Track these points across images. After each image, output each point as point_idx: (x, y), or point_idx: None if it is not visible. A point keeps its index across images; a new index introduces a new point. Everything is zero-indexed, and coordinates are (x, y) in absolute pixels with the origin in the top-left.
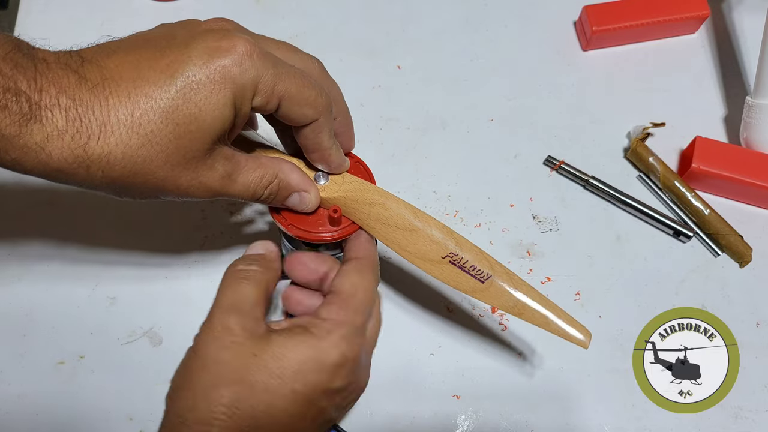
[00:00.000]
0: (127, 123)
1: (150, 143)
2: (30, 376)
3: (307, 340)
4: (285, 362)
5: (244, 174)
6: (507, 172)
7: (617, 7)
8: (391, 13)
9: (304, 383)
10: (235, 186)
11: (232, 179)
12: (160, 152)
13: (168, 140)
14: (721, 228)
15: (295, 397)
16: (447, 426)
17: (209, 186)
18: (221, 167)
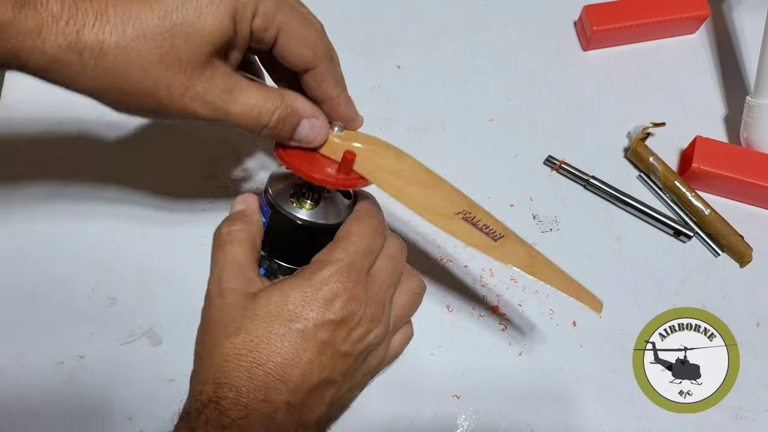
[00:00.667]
0: (123, 15)
1: (145, 38)
2: (30, 376)
3: (294, 281)
4: (273, 307)
5: (247, 93)
6: (507, 172)
7: (617, 7)
8: (391, 13)
9: (294, 319)
10: (237, 106)
11: (233, 97)
12: (154, 48)
13: (164, 38)
14: (722, 228)
15: (289, 332)
16: (447, 426)
17: (207, 99)
18: (220, 81)
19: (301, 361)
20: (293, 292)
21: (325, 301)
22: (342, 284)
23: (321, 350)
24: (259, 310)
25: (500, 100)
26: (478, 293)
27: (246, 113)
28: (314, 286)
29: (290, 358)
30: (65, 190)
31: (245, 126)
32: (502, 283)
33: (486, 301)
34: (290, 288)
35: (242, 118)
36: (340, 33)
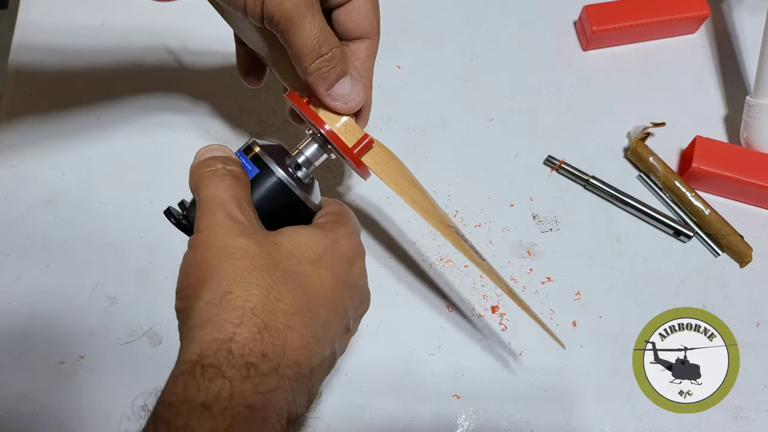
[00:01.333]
0: None
1: None
2: (30, 376)
3: (317, 231)
4: (306, 250)
5: (321, 19)
6: (507, 172)
7: (617, 7)
8: (391, 13)
9: (329, 269)
10: (308, 20)
11: (311, 12)
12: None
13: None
14: (722, 228)
15: (323, 283)
16: (447, 426)
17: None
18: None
19: (329, 319)
20: (322, 240)
21: (348, 258)
22: (359, 246)
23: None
24: (291, 249)
25: (500, 100)
26: (478, 293)
27: (310, 35)
28: (338, 241)
29: (324, 314)
30: (66, 189)
31: (301, 48)
32: None
33: (486, 301)
34: (316, 234)
35: (305, 37)
36: None
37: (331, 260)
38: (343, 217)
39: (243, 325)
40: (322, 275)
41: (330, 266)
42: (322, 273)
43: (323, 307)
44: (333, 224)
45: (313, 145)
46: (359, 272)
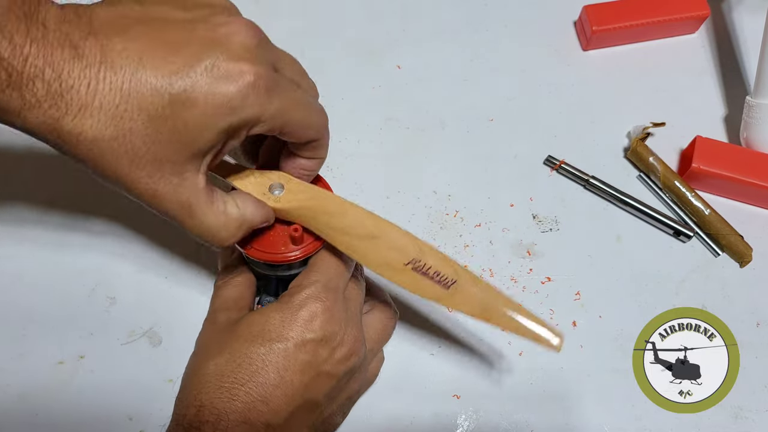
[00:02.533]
0: (108, 112)
1: (123, 139)
2: (30, 376)
3: (275, 305)
4: (254, 327)
5: (204, 212)
6: (507, 171)
7: (617, 6)
8: (391, 13)
9: (274, 338)
10: (192, 221)
11: (191, 212)
12: (129, 151)
13: (142, 143)
14: (722, 228)
15: (270, 351)
16: (447, 426)
17: (164, 207)
18: (185, 192)
19: (283, 382)
20: (273, 313)
21: (304, 320)
22: (320, 303)
23: (303, 370)
24: (240, 330)
25: (500, 100)
26: None
27: (199, 230)
28: (293, 306)
29: (272, 378)
30: (66, 189)
31: (197, 236)
32: (502, 283)
33: None
34: (271, 310)
35: (195, 232)
36: (340, 33)
37: (280, 328)
38: (312, 273)
39: None
40: (270, 345)
41: (277, 335)
42: (267, 344)
43: (274, 377)
44: (295, 290)
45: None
46: (321, 324)
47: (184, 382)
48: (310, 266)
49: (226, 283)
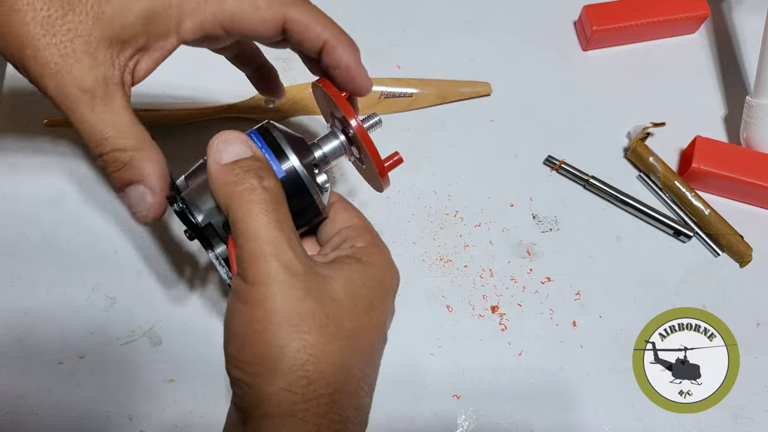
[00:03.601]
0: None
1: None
2: (30, 376)
3: (364, 271)
4: (360, 301)
5: (91, 104)
6: (507, 171)
7: (617, 6)
8: (391, 13)
9: (379, 314)
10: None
11: (93, 105)
12: (44, 13)
13: (60, 6)
14: (722, 228)
15: (377, 333)
16: (447, 426)
17: (64, 89)
18: (93, 78)
19: (374, 359)
20: (371, 281)
21: (391, 292)
22: (397, 273)
23: (383, 345)
24: (344, 300)
25: (500, 99)
26: (477, 293)
27: (93, 128)
28: (382, 277)
29: (369, 356)
30: (67, 189)
31: (83, 138)
32: (502, 283)
33: (486, 301)
34: (364, 274)
35: (88, 129)
36: None
37: (381, 303)
38: (378, 240)
39: (326, 416)
40: (377, 323)
41: (380, 310)
42: (376, 321)
43: (378, 355)
44: (374, 255)
45: (335, 141)
46: (394, 298)
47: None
48: (354, 227)
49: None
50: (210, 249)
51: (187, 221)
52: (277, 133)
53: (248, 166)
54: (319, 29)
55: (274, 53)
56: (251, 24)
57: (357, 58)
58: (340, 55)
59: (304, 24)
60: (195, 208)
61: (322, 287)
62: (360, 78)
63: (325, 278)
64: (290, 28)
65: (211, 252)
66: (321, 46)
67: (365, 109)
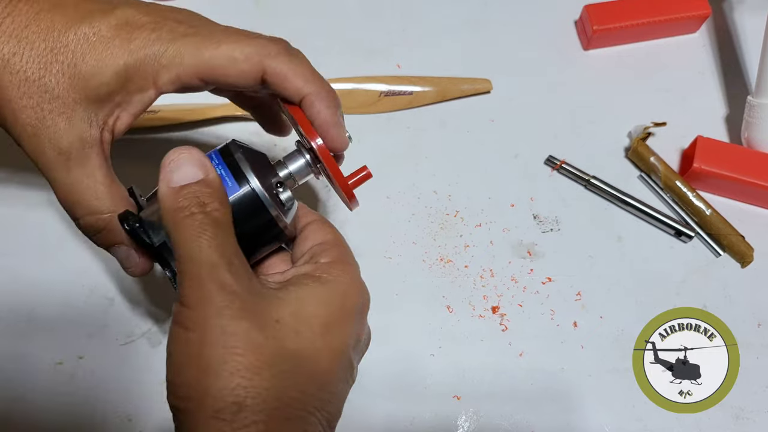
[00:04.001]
0: (13, 33)
1: (20, 58)
2: (29, 377)
3: (322, 291)
4: (313, 321)
5: (86, 176)
6: (507, 172)
7: (618, 6)
8: (391, 13)
9: (339, 336)
10: (67, 176)
11: (69, 166)
12: (22, 74)
13: (37, 68)
14: (723, 228)
15: (334, 357)
16: (447, 427)
17: (41, 150)
18: (69, 140)
19: (330, 383)
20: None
21: (356, 312)
22: (364, 291)
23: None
24: (290, 322)
25: (500, 100)
26: (478, 293)
27: (69, 191)
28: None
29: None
30: None
31: (59, 201)
32: (502, 283)
33: (486, 302)
34: (321, 294)
35: (64, 192)
36: (340, 33)
37: (341, 324)
38: (345, 256)
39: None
40: (337, 346)
41: (340, 331)
42: (336, 344)
43: (338, 380)
44: (336, 271)
45: (300, 159)
46: (363, 318)
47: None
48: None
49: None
50: (167, 268)
51: (139, 241)
52: (238, 155)
53: (194, 192)
54: (300, 83)
55: None
56: (229, 76)
57: (335, 115)
58: (318, 111)
59: (283, 77)
60: (153, 226)
61: (263, 308)
62: (335, 135)
63: (270, 299)
64: (270, 81)
65: (169, 271)
66: (300, 99)
67: (365, 108)
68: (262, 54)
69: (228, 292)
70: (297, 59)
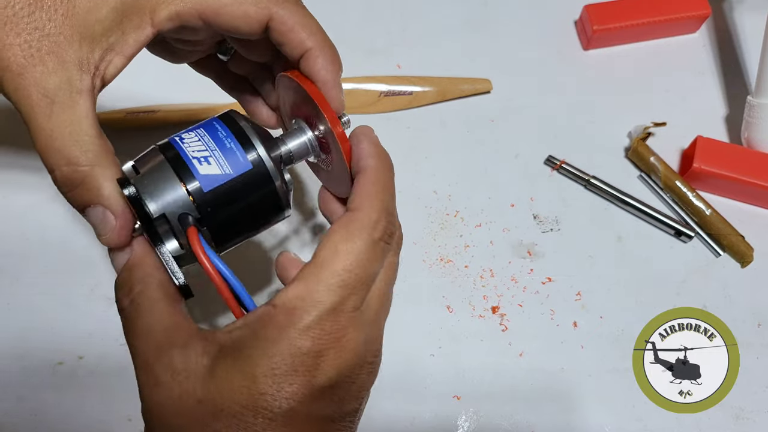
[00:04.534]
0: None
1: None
2: (29, 377)
3: (256, 346)
4: (238, 395)
5: (69, 123)
6: (507, 171)
7: (618, 6)
8: (391, 13)
9: (272, 402)
10: (48, 122)
11: (51, 111)
12: (10, 10)
13: (27, 3)
14: (723, 228)
15: (273, 424)
16: (447, 427)
17: (25, 91)
18: (56, 82)
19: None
20: (259, 364)
21: (309, 367)
22: (320, 341)
23: (322, 428)
24: (223, 403)
25: (500, 99)
26: (478, 293)
27: (49, 138)
28: (287, 348)
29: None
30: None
31: (36, 148)
32: (502, 283)
33: (486, 302)
34: (255, 361)
35: (43, 139)
36: (340, 33)
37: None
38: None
39: None
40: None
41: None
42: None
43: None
44: (284, 318)
45: (302, 137)
46: (330, 367)
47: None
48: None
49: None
50: (160, 244)
51: (140, 211)
52: (243, 123)
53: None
54: (305, 35)
55: None
56: (233, 17)
57: (337, 75)
58: (320, 68)
59: (290, 26)
60: (148, 195)
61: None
62: (333, 98)
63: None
64: (274, 27)
65: (162, 246)
66: (302, 54)
67: (365, 107)
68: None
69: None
70: (304, 10)
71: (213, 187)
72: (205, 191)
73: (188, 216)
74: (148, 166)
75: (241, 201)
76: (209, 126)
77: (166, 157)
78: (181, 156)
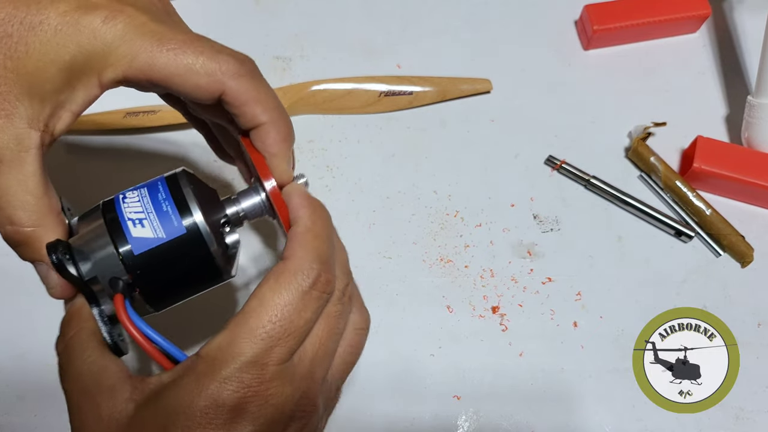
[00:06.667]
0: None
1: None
2: (29, 377)
3: (177, 397)
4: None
5: (18, 183)
6: (507, 171)
7: (618, 6)
8: (391, 13)
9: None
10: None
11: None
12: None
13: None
14: (723, 228)
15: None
16: (447, 427)
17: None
18: (5, 140)
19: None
20: (175, 413)
21: (226, 419)
22: (246, 390)
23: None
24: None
25: (500, 100)
26: (478, 293)
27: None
28: (204, 399)
29: None
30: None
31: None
32: (502, 283)
33: (486, 302)
34: (171, 410)
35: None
36: (340, 33)
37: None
38: (239, 339)
39: None
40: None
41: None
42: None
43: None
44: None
45: (256, 198)
46: (254, 417)
47: None
48: (241, 320)
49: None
50: (94, 304)
51: (66, 275)
52: (186, 186)
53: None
54: (259, 110)
55: (273, 52)
56: (183, 87)
57: (287, 149)
58: (271, 143)
59: (243, 101)
60: (82, 256)
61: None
62: (279, 169)
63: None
64: (227, 101)
65: (95, 308)
66: (254, 127)
67: (365, 107)
68: (224, 72)
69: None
70: (260, 84)
71: (144, 250)
72: (135, 254)
73: (119, 280)
74: (88, 226)
75: (173, 265)
76: (153, 187)
77: (104, 218)
78: (118, 217)
